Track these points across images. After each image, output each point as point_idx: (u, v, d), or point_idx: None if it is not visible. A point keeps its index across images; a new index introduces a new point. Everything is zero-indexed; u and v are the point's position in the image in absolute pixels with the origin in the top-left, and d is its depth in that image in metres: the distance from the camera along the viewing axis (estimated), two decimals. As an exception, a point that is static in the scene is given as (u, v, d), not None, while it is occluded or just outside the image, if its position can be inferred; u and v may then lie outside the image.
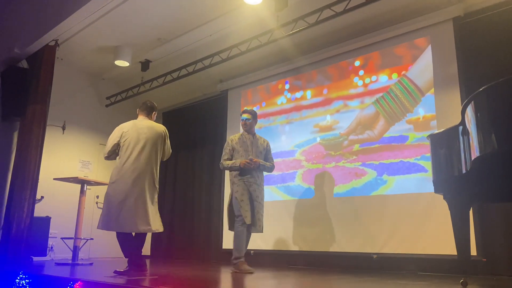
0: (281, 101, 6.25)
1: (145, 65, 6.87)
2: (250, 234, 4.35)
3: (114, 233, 7.29)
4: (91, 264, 5.15)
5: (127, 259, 3.77)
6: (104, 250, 7.24)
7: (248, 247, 5.96)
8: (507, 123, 1.98)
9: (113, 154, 3.99)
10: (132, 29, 5.93)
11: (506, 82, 1.95)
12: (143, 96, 7.42)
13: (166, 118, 8.25)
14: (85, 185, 5.49)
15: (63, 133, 7.01)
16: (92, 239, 6.12)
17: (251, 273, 4.04)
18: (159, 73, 6.79)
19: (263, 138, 4.66)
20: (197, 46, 6.22)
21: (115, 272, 3.56)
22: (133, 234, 3.84)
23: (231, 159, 4.45)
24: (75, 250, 5.25)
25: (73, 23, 5.51)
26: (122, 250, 3.78)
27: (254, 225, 4.24)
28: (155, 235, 7.57)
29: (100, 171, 7.48)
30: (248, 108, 4.63)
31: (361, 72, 5.42)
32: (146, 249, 7.79)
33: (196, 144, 7.58)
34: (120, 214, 3.65)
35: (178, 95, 7.78)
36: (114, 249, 7.39)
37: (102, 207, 3.84)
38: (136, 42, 6.28)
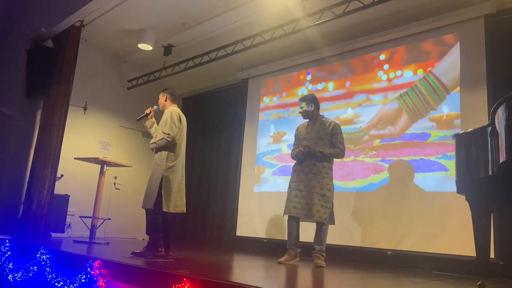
0: (302, 92, 6.21)
1: (168, 49, 6.88)
2: (298, 224, 4.14)
3: (130, 214, 7.41)
4: (107, 243, 5.26)
5: (149, 240, 3.82)
6: (119, 230, 7.37)
7: (262, 235, 6.04)
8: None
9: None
10: (156, 13, 5.94)
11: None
12: (165, 81, 7.46)
13: (186, 103, 8.29)
14: (105, 166, 5.58)
15: (85, 113, 7.10)
16: (109, 219, 6.23)
17: (280, 263, 4.02)
18: (181, 58, 6.80)
19: (330, 121, 4.21)
20: (221, 33, 6.19)
21: (133, 253, 3.61)
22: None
23: None
24: (93, 229, 5.36)
25: (99, 4, 5.55)
26: (158, 231, 3.78)
27: (310, 216, 3.96)
28: (171, 219, 7.66)
29: (119, 153, 7.59)
30: (303, 96, 4.37)
31: (386, 67, 5.34)
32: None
33: (214, 131, 7.61)
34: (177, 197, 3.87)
35: (198, 81, 7.80)
36: (130, 230, 7.57)
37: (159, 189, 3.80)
38: (160, 26, 6.29)
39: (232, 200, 6.76)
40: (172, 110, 3.96)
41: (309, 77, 6.19)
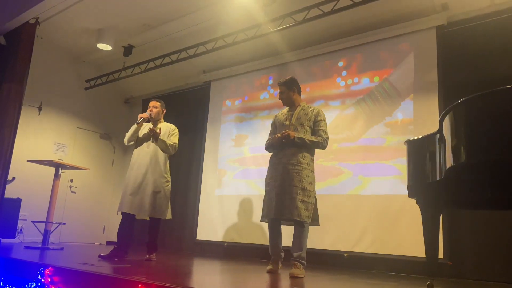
0: (264, 96, 6.26)
1: (128, 50, 6.76)
2: (279, 227, 3.63)
3: (87, 219, 7.27)
4: (61, 249, 5.08)
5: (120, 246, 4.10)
6: (75, 235, 7.15)
7: (222, 239, 6.03)
8: (480, 136, 2.05)
9: None
10: (117, 13, 5.83)
11: (484, 96, 2.02)
12: (124, 82, 7.33)
13: (146, 105, 8.11)
14: (60, 168, 5.39)
15: (39, 114, 6.85)
16: (64, 223, 6.03)
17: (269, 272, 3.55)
18: (142, 59, 6.70)
19: (314, 107, 3.75)
20: (183, 35, 6.16)
21: (100, 256, 3.90)
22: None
23: None
24: (46, 234, 5.16)
25: (56, 1, 5.37)
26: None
27: (290, 214, 3.38)
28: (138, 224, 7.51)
29: (76, 155, 7.36)
30: (282, 80, 3.84)
31: (344, 73, 5.48)
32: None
33: (175, 133, 7.51)
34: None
35: (159, 83, 7.69)
36: (86, 234, 7.35)
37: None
38: (120, 26, 6.18)
39: (193, 204, 6.70)
40: (176, 128, 4.47)
41: (270, 82, 6.25)
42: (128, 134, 4.30)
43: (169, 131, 4.37)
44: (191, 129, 7.22)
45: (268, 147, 3.75)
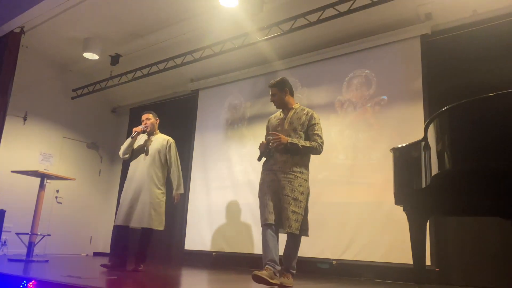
0: (252, 104, 6.27)
1: (115, 59, 6.73)
2: (275, 234, 3.33)
3: (73, 229, 7.21)
4: (46, 261, 4.99)
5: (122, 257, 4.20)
6: (61, 246, 7.04)
7: (211, 249, 5.99)
8: (464, 144, 2.08)
9: None
10: (104, 22, 5.81)
11: (467, 104, 2.04)
12: (111, 91, 7.28)
13: (134, 114, 8.09)
14: (45, 179, 5.31)
15: (24, 123, 6.76)
16: (49, 235, 5.92)
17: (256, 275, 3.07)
18: (129, 68, 6.67)
19: (307, 110, 3.52)
20: (170, 44, 6.16)
21: (102, 265, 4.09)
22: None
23: None
24: (30, 246, 5.06)
25: (42, 10, 5.35)
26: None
27: (281, 224, 3.27)
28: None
29: (62, 165, 7.27)
30: (273, 81, 3.59)
31: (331, 81, 5.51)
32: (107, 246, 7.62)
33: (163, 142, 7.48)
34: None
35: (147, 92, 7.66)
36: (72, 246, 7.24)
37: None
38: (107, 35, 6.16)
39: (181, 213, 6.65)
40: (173, 141, 4.56)
41: (258, 90, 6.26)
42: (123, 147, 4.35)
43: (165, 147, 4.41)
44: (179, 138, 7.11)
45: (259, 157, 3.48)
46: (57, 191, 7.13)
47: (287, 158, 3.32)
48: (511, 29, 4.36)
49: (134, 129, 4.33)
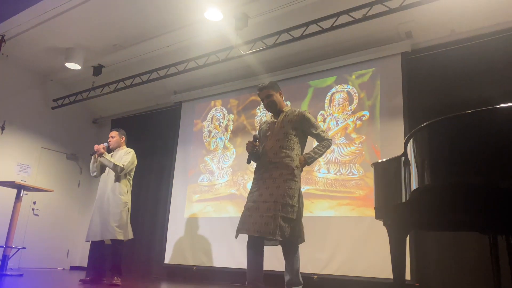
0: (235, 118, 6.28)
1: (98, 69, 6.68)
2: (260, 249, 3.05)
3: (50, 242, 7.07)
4: (21, 275, 4.84)
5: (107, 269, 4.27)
6: (37, 260, 6.84)
7: (191, 263, 5.90)
8: (442, 160, 2.12)
9: None
10: (87, 32, 5.77)
11: (444, 121, 2.09)
12: (93, 102, 7.21)
13: (115, 125, 8.00)
14: (22, 190, 5.18)
15: (2, 133, 6.61)
16: (24, 248, 5.75)
17: None
18: (111, 79, 6.62)
19: (298, 111, 3.26)
20: (154, 56, 6.15)
21: (80, 280, 4.12)
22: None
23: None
24: (4, 260, 4.91)
25: (23, 19, 5.29)
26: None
27: (273, 235, 2.88)
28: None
29: (40, 176, 7.11)
30: (262, 84, 3.31)
31: (313, 97, 5.58)
32: (84, 260, 7.44)
33: (145, 154, 7.38)
34: None
35: (129, 103, 7.60)
36: (48, 259, 7.04)
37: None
38: (90, 45, 6.11)
39: (161, 226, 6.56)
40: (132, 150, 4.60)
41: (241, 104, 6.29)
42: (90, 167, 4.59)
43: (123, 155, 4.52)
44: (161, 150, 7.13)
45: (248, 159, 3.32)
46: (34, 202, 6.96)
47: (276, 163, 3.10)
48: (487, 49, 4.50)
49: (95, 146, 4.45)
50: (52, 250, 7.14)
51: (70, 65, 6.32)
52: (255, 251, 2.98)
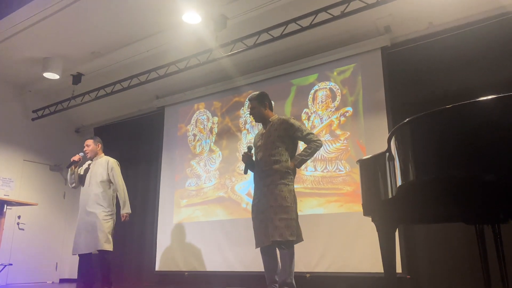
0: (218, 121, 6.24)
1: (77, 78, 6.57)
2: (273, 254, 3.34)
3: (37, 256, 6.94)
4: (8, 292, 4.74)
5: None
6: (25, 275, 6.71)
7: (183, 269, 5.85)
8: (425, 155, 2.13)
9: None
10: (63, 41, 5.67)
11: (425, 116, 2.10)
12: (74, 111, 7.10)
13: (98, 134, 7.89)
14: (5, 205, 5.06)
15: (-19, 147, 6.47)
16: (11, 264, 5.64)
17: None
18: (92, 87, 6.52)
19: (283, 119, 3.45)
20: (133, 61, 6.07)
21: None
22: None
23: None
24: (-10, 277, 4.80)
25: (-4, 31, 5.16)
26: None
27: (272, 236, 3.13)
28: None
29: (24, 189, 6.97)
30: (251, 95, 3.57)
31: (296, 95, 5.58)
32: (74, 272, 7.34)
33: (130, 161, 7.31)
34: None
35: (111, 110, 7.49)
36: (37, 273, 6.91)
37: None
38: (68, 54, 6.01)
39: (151, 234, 6.49)
40: (114, 161, 4.50)
41: (224, 107, 6.25)
42: (68, 178, 4.48)
43: (106, 168, 4.41)
44: (146, 156, 7.05)
45: (244, 169, 3.49)
46: (19, 217, 6.82)
47: (267, 170, 3.29)
48: (465, 40, 4.55)
49: (72, 158, 4.39)
50: (40, 264, 7.01)
51: (48, 75, 6.20)
52: (267, 257, 3.32)
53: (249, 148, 3.45)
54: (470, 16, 4.58)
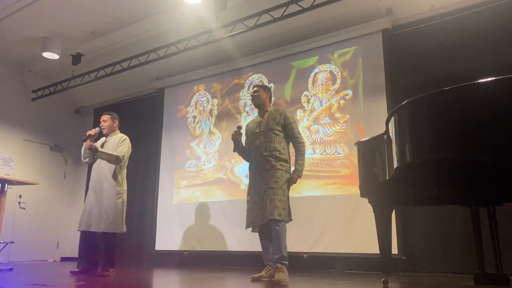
0: (218, 102, 6.25)
1: (77, 58, 6.54)
2: (265, 235, 3.60)
3: (39, 235, 7.02)
4: (10, 269, 4.82)
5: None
6: (27, 253, 6.81)
7: (182, 248, 5.94)
8: (423, 137, 2.14)
9: None
10: (63, 20, 5.63)
11: (423, 98, 2.11)
12: (74, 91, 7.09)
13: (98, 114, 7.89)
14: (6, 184, 5.10)
15: (-19, 127, 6.48)
16: (12, 242, 5.72)
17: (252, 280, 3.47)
18: (92, 67, 6.50)
19: (281, 111, 3.75)
20: (134, 42, 6.04)
21: (71, 272, 4.03)
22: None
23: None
24: (-7, 255, 4.87)
25: (-5, 9, 5.12)
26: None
27: (269, 215, 3.39)
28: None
29: (24, 169, 7.02)
30: (259, 83, 3.90)
31: (297, 78, 5.56)
32: (75, 251, 7.44)
33: (131, 143, 7.32)
34: None
35: (111, 91, 7.48)
36: (38, 252, 7.02)
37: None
38: (67, 34, 5.97)
39: (151, 213, 6.56)
40: (127, 137, 4.36)
41: (224, 88, 6.25)
42: (82, 152, 4.31)
43: (118, 143, 4.26)
44: (146, 138, 7.07)
45: (234, 147, 3.81)
46: (20, 196, 6.88)
47: (267, 155, 3.57)
48: (466, 23, 4.52)
49: (88, 132, 4.21)
50: (41, 242, 7.11)
51: (48, 55, 6.17)
52: (265, 240, 3.60)
53: (239, 127, 3.70)
54: (473, -1, 4.54)
